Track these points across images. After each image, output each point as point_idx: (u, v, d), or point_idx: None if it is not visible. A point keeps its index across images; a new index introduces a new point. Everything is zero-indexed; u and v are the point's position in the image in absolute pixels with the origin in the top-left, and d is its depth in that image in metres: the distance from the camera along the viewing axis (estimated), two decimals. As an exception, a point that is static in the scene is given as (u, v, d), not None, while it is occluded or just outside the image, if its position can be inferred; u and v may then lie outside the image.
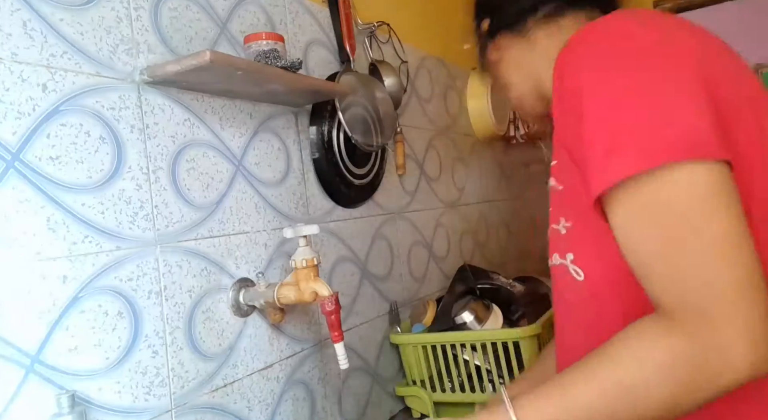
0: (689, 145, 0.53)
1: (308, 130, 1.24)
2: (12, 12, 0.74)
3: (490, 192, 2.17)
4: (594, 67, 0.60)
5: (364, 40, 1.47)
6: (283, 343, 1.10)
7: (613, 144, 0.56)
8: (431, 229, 1.71)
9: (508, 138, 2.27)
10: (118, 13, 0.88)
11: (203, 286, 0.96)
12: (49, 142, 0.77)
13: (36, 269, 0.74)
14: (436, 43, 1.90)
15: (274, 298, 0.98)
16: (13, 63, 0.74)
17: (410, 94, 1.67)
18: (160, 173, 0.91)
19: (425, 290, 1.62)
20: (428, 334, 1.34)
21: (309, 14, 1.29)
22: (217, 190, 1.00)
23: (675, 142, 0.53)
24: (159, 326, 0.88)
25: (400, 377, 1.44)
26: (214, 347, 0.96)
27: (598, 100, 0.58)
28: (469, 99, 2.05)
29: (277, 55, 1.00)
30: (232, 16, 1.08)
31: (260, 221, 1.09)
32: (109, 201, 0.83)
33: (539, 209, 3.05)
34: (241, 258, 1.03)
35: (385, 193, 1.49)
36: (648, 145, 0.54)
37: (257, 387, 1.04)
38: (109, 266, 0.82)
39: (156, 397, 0.86)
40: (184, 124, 0.96)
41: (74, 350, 0.77)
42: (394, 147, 1.54)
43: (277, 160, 1.15)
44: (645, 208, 0.55)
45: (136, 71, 0.89)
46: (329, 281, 1.24)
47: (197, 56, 0.84)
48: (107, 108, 0.84)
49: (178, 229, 0.93)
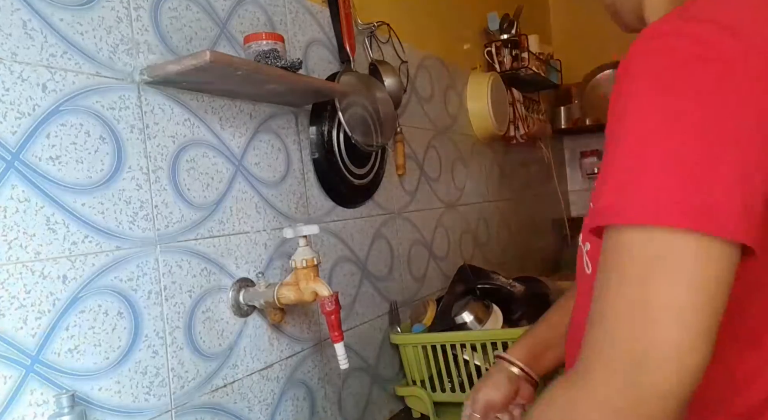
0: (706, 219, 0.48)
1: (308, 130, 1.24)
2: (12, 12, 0.74)
3: (490, 192, 2.17)
4: (650, 90, 0.54)
5: (364, 40, 1.47)
6: (283, 343, 1.10)
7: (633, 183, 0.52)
8: (431, 229, 1.71)
9: (508, 138, 2.27)
10: (118, 13, 0.88)
11: (203, 286, 0.96)
12: (49, 142, 0.77)
13: (36, 269, 0.74)
14: (436, 43, 1.90)
15: (274, 298, 0.98)
16: (13, 63, 0.74)
17: (410, 94, 1.67)
18: (160, 173, 0.91)
19: (425, 290, 1.62)
20: (428, 334, 1.34)
21: (309, 14, 1.29)
22: (217, 190, 1.00)
23: (691, 211, 0.48)
24: (159, 326, 0.88)
25: (400, 377, 1.44)
26: (214, 347, 0.96)
27: (638, 129, 0.53)
28: (469, 99, 2.05)
29: (277, 55, 1.00)
30: (232, 16, 1.08)
31: (260, 221, 1.09)
32: (109, 201, 0.83)
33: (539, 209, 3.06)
34: (241, 258, 1.03)
35: (385, 193, 1.49)
36: (664, 203, 0.49)
37: (257, 387, 1.04)
38: (109, 266, 0.82)
39: (156, 397, 0.86)
40: (184, 124, 0.96)
41: (74, 350, 0.77)
42: (394, 147, 1.53)
43: (277, 160, 1.15)
44: (625, 254, 0.51)
45: (136, 71, 0.89)
46: (329, 281, 1.24)
47: (197, 56, 0.84)
48: (107, 108, 0.84)
49: (178, 229, 0.93)
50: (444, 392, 1.31)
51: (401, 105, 1.58)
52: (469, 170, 2.01)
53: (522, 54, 2.22)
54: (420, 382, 1.34)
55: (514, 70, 2.21)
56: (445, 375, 1.31)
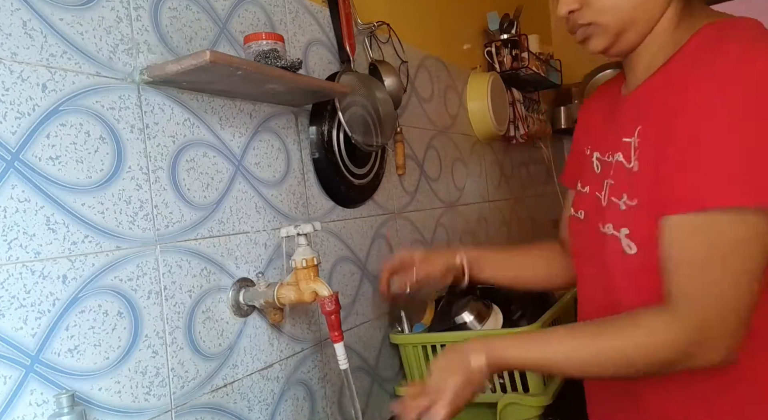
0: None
1: (308, 130, 1.24)
2: (12, 12, 0.74)
3: (490, 192, 2.17)
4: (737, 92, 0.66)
5: (364, 40, 1.47)
6: (283, 343, 1.10)
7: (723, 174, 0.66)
8: (431, 229, 1.71)
9: (508, 138, 2.27)
10: (118, 13, 0.87)
11: (203, 286, 0.96)
12: (48, 142, 0.77)
13: (36, 269, 0.74)
14: (436, 43, 1.90)
15: (274, 298, 0.98)
16: (13, 63, 0.74)
17: (410, 94, 1.67)
18: (160, 173, 0.91)
19: (425, 290, 1.62)
20: (428, 334, 1.34)
21: (309, 14, 1.29)
22: (217, 190, 1.00)
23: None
24: (159, 326, 0.88)
25: (400, 377, 1.44)
26: (214, 347, 0.96)
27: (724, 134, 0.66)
28: (469, 99, 2.05)
29: (277, 55, 1.00)
30: (232, 16, 1.08)
31: (260, 221, 1.09)
32: (109, 201, 0.83)
33: (539, 209, 3.05)
34: (241, 258, 1.03)
35: (385, 193, 1.49)
36: (752, 186, 0.65)
37: (257, 387, 1.04)
38: (109, 266, 0.82)
39: (156, 397, 0.86)
40: (184, 124, 0.96)
41: (74, 350, 0.77)
42: (394, 147, 1.53)
43: (277, 160, 1.15)
44: (713, 234, 0.67)
45: (136, 71, 0.89)
46: (329, 281, 1.24)
47: (197, 56, 0.84)
48: (107, 108, 0.84)
49: (178, 229, 0.93)
50: (444, 392, 1.31)
51: (401, 105, 1.58)
52: (469, 170, 2.01)
53: (522, 54, 2.22)
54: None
55: (514, 70, 2.21)
56: (445, 375, 1.30)
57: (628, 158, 0.80)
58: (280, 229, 1.03)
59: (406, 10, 1.74)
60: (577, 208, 0.94)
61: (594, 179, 0.89)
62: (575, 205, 0.96)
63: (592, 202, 0.88)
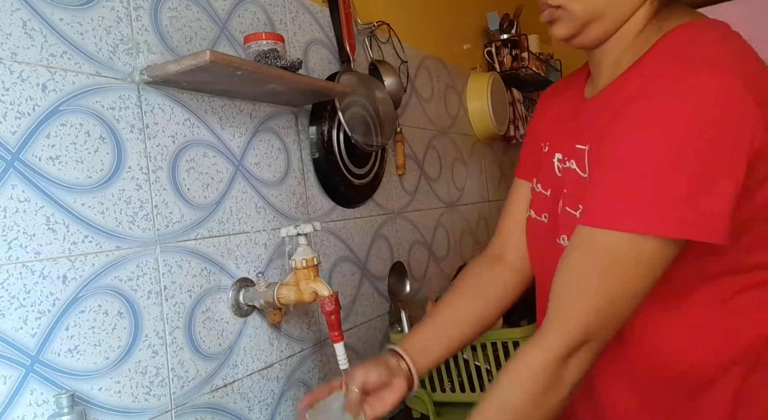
0: (700, 227, 0.63)
1: (308, 130, 1.24)
2: (12, 12, 0.74)
3: (490, 192, 2.17)
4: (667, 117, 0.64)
5: (364, 40, 1.47)
6: (283, 343, 1.10)
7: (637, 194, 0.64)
8: (431, 229, 1.71)
9: (508, 138, 2.27)
10: (118, 13, 0.87)
11: (203, 286, 0.96)
12: (48, 142, 0.77)
13: (36, 269, 0.74)
14: (436, 43, 1.90)
15: (273, 298, 0.98)
16: (13, 63, 0.74)
17: (410, 94, 1.67)
18: (160, 173, 0.91)
19: (425, 290, 1.62)
20: (428, 334, 1.33)
21: (309, 14, 1.29)
22: (217, 190, 1.00)
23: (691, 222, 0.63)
24: (159, 326, 0.88)
25: (400, 377, 1.44)
26: (214, 347, 0.96)
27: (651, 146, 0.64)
28: (469, 99, 2.05)
29: (277, 55, 1.00)
30: (232, 16, 1.08)
31: (260, 221, 1.09)
32: (109, 201, 0.83)
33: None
34: (240, 258, 1.03)
35: (385, 193, 1.49)
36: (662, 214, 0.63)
37: (257, 387, 1.04)
38: (109, 266, 0.82)
39: (156, 397, 0.86)
40: (184, 123, 0.96)
41: (74, 350, 0.77)
42: (394, 147, 1.54)
43: (277, 160, 1.15)
44: (608, 254, 0.66)
45: (136, 71, 0.89)
46: (329, 281, 1.24)
47: (197, 56, 0.84)
48: (107, 108, 0.84)
49: (178, 229, 0.93)
50: (444, 392, 1.31)
51: (401, 105, 1.58)
52: (469, 170, 2.01)
53: (522, 54, 2.22)
54: (420, 382, 1.34)
55: (514, 70, 2.21)
56: (445, 375, 1.30)
57: (581, 167, 0.77)
58: (280, 229, 1.03)
59: (406, 10, 1.74)
60: (539, 211, 0.89)
61: (554, 183, 0.85)
62: (534, 206, 0.91)
63: (554, 209, 0.84)
